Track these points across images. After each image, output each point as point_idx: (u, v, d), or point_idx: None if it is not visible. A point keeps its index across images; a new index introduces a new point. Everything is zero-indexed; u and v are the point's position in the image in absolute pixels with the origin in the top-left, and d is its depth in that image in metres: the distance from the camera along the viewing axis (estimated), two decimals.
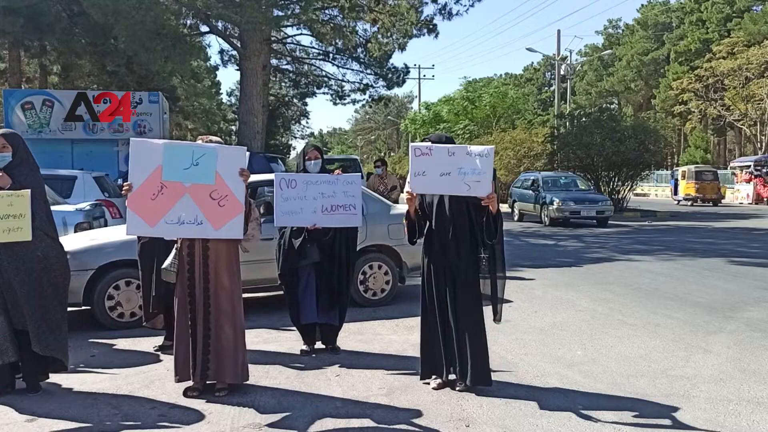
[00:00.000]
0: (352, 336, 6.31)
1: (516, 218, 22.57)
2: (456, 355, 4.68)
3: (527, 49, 53.94)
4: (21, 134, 5.07)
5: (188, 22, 22.52)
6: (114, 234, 7.07)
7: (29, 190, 4.53)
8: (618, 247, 13.89)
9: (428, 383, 4.84)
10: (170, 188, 4.56)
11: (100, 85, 25.41)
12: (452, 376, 4.76)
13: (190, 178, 4.58)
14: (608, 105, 50.87)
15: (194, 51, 24.73)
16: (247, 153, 4.90)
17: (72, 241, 6.71)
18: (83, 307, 6.78)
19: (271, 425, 4.19)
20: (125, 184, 4.57)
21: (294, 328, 5.92)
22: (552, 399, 4.60)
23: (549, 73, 57.87)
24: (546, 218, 20.11)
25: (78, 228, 8.66)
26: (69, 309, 5.08)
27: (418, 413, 4.36)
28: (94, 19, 18.30)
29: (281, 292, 6.10)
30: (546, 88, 59.59)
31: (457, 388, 4.71)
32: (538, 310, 7.57)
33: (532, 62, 63.29)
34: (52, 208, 4.99)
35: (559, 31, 34.45)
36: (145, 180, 4.54)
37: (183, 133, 41.49)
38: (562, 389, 4.84)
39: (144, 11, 16.59)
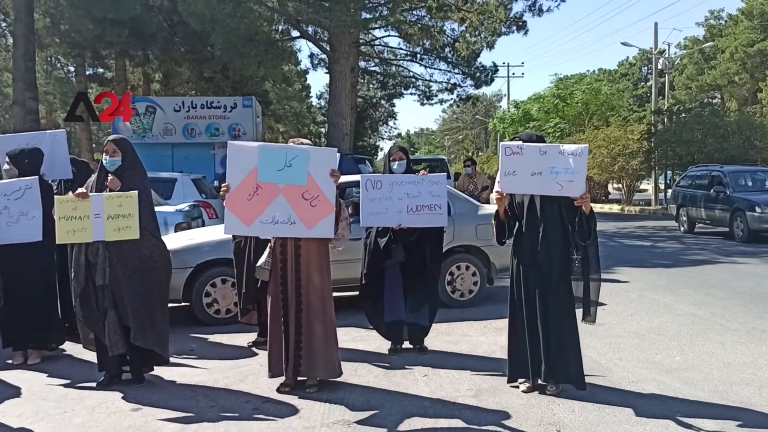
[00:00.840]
0: (440, 336, 6.30)
1: (684, 228, 16.81)
2: (545, 358, 4.58)
3: (622, 43, 52.27)
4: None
5: (280, 27, 23.15)
6: (211, 234, 7.36)
7: (137, 192, 4.81)
8: (720, 249, 13.20)
9: (516, 386, 4.77)
10: (265, 189, 4.70)
11: (198, 91, 26.47)
12: (542, 380, 4.67)
13: (283, 179, 4.71)
14: (710, 100, 48.43)
15: (285, 56, 25.37)
16: (338, 154, 4.99)
17: (172, 241, 7.03)
18: (183, 303, 7.09)
19: (360, 422, 4.25)
20: (223, 185, 4.75)
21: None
22: (648, 406, 4.44)
23: (645, 68, 55.70)
24: (740, 231, 14.28)
25: (178, 228, 9.07)
26: (170, 305, 5.34)
27: (507, 415, 4.31)
28: (192, 28, 19.12)
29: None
30: (642, 83, 57.42)
31: (548, 392, 4.62)
32: (634, 314, 7.31)
33: (628, 57, 61.10)
34: (155, 208, 5.26)
35: (656, 24, 33.20)
36: (241, 181, 4.70)
37: (275, 135, 42.64)
38: (659, 396, 4.65)
39: (239, 19, 17.18)
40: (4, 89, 30.51)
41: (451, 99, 26.66)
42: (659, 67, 32.78)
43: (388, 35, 23.97)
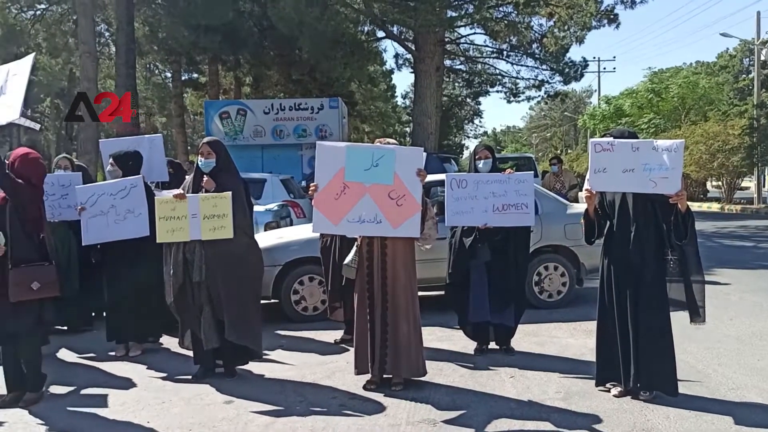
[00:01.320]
0: (527, 338, 6.20)
1: None
2: (635, 362, 4.43)
3: (721, 34, 49.49)
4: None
5: (365, 29, 23.37)
6: (299, 232, 7.52)
7: (231, 192, 4.98)
8: None
9: (606, 390, 4.63)
10: (352, 188, 4.77)
11: (286, 94, 27.09)
12: (633, 385, 4.51)
13: (370, 178, 4.76)
14: None
15: (371, 56, 25.60)
16: (424, 153, 5.00)
17: (262, 239, 7.23)
18: (272, 300, 7.29)
19: (446, 422, 4.24)
20: (311, 184, 4.85)
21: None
22: (750, 414, 4.21)
23: (747, 60, 52.74)
24: None
25: (267, 227, 9.33)
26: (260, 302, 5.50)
27: (598, 419, 4.19)
28: (281, 32, 19.59)
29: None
30: (743, 75, 54.40)
31: (641, 398, 4.46)
32: (734, 318, 6.95)
33: (727, 48, 58.03)
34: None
35: (758, 13, 31.29)
36: (329, 181, 4.78)
37: (360, 136, 43.07)
38: (762, 405, 4.41)
39: (326, 22, 17.49)
40: None
41: (539, 96, 26.15)
42: (762, 58, 30.96)
43: (474, 33, 23.75)
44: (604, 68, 52.80)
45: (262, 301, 6.34)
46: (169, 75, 32.11)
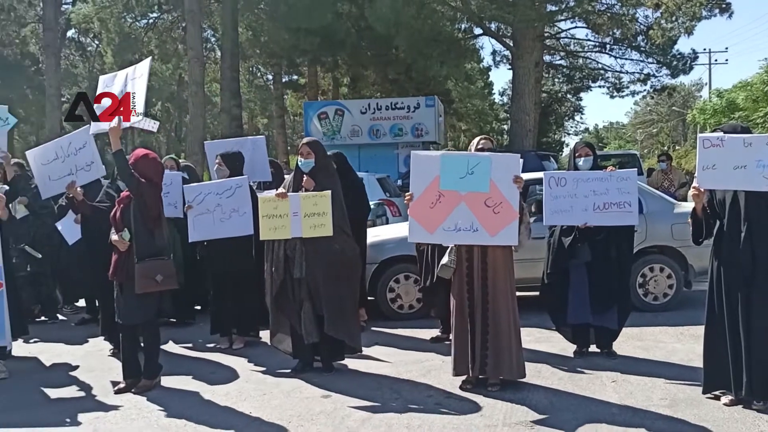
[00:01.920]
0: (630, 341, 5.98)
1: None
2: (747, 369, 4.17)
3: None
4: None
5: (462, 26, 23.25)
6: (395, 231, 7.58)
7: (330, 191, 5.09)
8: None
9: (715, 398, 4.40)
10: (447, 197, 4.75)
11: (383, 93, 27.36)
12: (745, 395, 4.25)
13: (465, 186, 4.73)
14: None
15: (468, 54, 25.46)
16: (520, 160, 4.92)
17: None
18: (369, 298, 7.37)
19: (543, 424, 4.16)
20: (407, 194, 4.87)
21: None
22: None
23: None
24: None
25: None
26: None
27: (705, 429, 3.99)
28: (378, 32, 19.80)
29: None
30: None
31: (753, 407, 4.21)
32: None
33: None
34: None
35: None
36: (424, 190, 4.78)
37: (456, 134, 42.87)
38: None
39: (422, 20, 17.53)
40: (213, 98, 33.68)
41: (644, 90, 25.21)
42: None
43: (575, 27, 23.17)
44: (716, 60, 49.93)
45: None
46: (270, 77, 33.16)
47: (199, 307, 7.46)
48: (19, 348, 6.34)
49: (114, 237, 4.95)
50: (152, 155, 5.19)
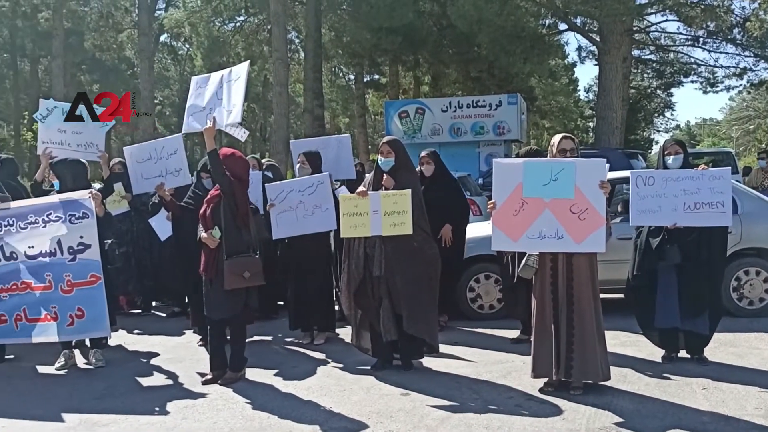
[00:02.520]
0: (723, 347, 5.71)
1: None
2: None
3: None
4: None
5: (546, 22, 22.80)
6: (475, 230, 7.51)
7: (410, 190, 5.11)
8: None
9: None
10: (531, 204, 4.68)
11: (464, 91, 27.15)
12: None
13: (549, 193, 4.64)
14: None
15: (552, 50, 24.95)
16: (606, 165, 4.78)
17: None
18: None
19: (628, 429, 4.03)
20: (489, 202, 4.82)
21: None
22: None
23: None
24: None
25: None
26: None
27: None
28: (460, 30, 19.69)
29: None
30: None
31: None
32: None
33: None
34: None
35: None
36: (507, 197, 4.72)
37: (539, 132, 42.08)
38: None
39: (505, 17, 17.30)
40: (297, 99, 34.39)
41: (740, 85, 23.96)
42: None
43: (666, 20, 22.26)
44: None
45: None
46: (352, 77, 33.52)
47: (282, 303, 7.64)
48: (118, 338, 6.68)
49: (203, 234, 5.13)
50: (239, 154, 5.37)
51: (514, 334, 6.29)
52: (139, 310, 8.01)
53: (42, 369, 5.78)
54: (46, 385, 5.35)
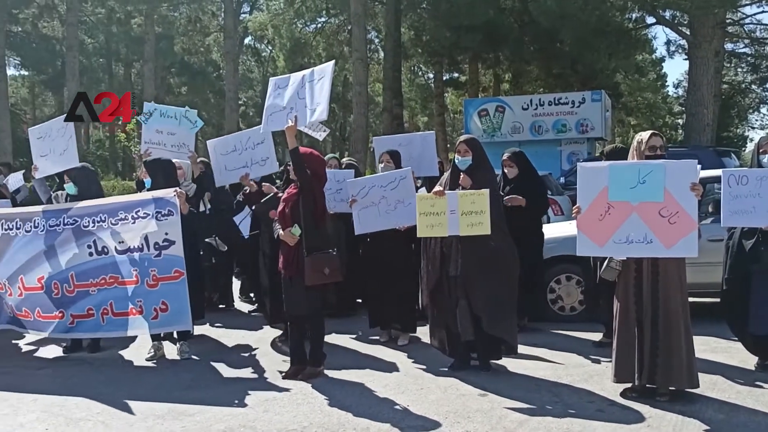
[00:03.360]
0: None
1: None
2: None
3: None
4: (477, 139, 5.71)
5: (633, 15, 22.09)
6: (556, 230, 7.37)
7: (488, 190, 5.06)
8: None
9: None
10: (617, 208, 4.54)
11: (546, 89, 26.66)
12: None
13: (637, 196, 4.50)
14: None
15: (639, 45, 24.17)
16: (698, 166, 4.58)
17: None
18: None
19: None
20: (574, 207, 4.70)
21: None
22: None
23: None
24: None
25: None
26: None
27: None
28: (542, 26, 19.35)
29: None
30: None
31: None
32: None
33: None
34: None
35: None
36: (592, 201, 4.60)
37: (625, 129, 40.79)
38: None
39: (589, 12, 16.88)
40: (376, 98, 34.65)
41: None
42: None
43: (762, 11, 21.18)
44: None
45: None
46: (431, 76, 33.50)
47: (360, 300, 7.71)
48: (204, 331, 6.92)
49: (281, 232, 5.23)
50: (316, 153, 5.48)
51: (596, 336, 6.13)
52: (222, 305, 8.25)
53: (134, 359, 6.05)
54: (137, 375, 5.60)
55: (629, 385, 4.65)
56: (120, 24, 34.06)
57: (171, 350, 6.09)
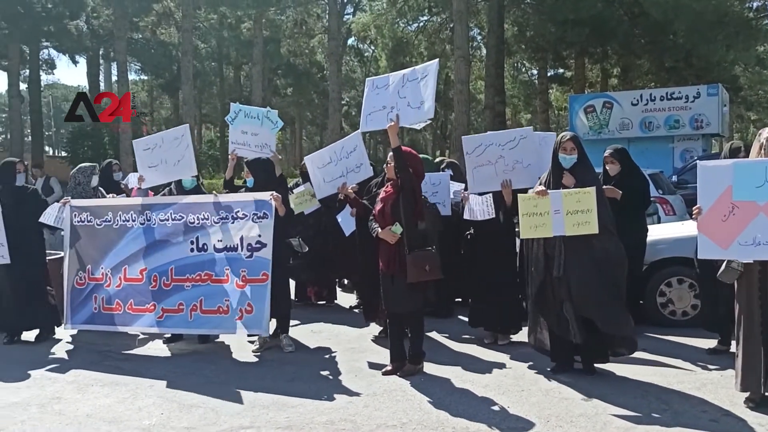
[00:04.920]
0: None
1: None
2: None
3: None
4: (583, 136, 5.54)
5: (754, 4, 20.80)
6: (667, 230, 7.06)
7: (594, 188, 4.90)
8: None
9: None
10: (742, 208, 4.30)
11: (658, 83, 25.55)
12: None
13: (764, 196, 4.24)
14: None
15: (760, 35, 22.69)
16: None
17: None
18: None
19: None
20: (695, 207, 4.48)
21: None
22: None
23: None
24: None
25: None
26: None
27: None
28: (653, 18, 18.56)
29: None
30: None
31: None
32: None
33: None
34: None
35: None
36: (714, 202, 4.38)
37: (744, 125, 38.48)
38: None
39: (705, 2, 16.03)
40: (477, 96, 34.34)
41: None
42: None
43: None
44: None
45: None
46: (535, 72, 32.87)
47: (459, 300, 7.67)
48: (304, 327, 7.11)
49: (379, 231, 5.27)
50: (415, 152, 5.49)
51: (710, 343, 5.80)
52: (324, 301, 8.43)
53: (242, 351, 6.29)
54: (245, 366, 5.81)
55: (748, 394, 4.39)
56: (230, 28, 35.53)
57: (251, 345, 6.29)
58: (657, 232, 7.27)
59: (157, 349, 6.44)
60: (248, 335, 6.15)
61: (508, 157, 5.85)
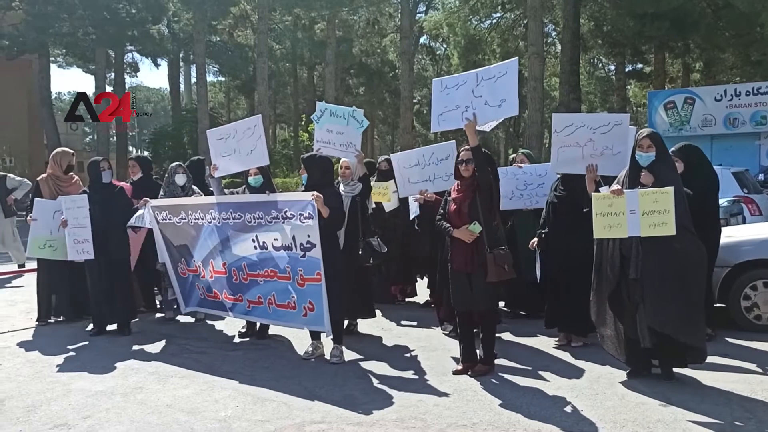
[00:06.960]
0: None
1: None
2: None
3: None
4: (662, 133, 5.34)
5: None
6: (753, 231, 6.77)
7: (672, 188, 4.72)
8: None
9: None
10: None
11: (743, 77, 24.46)
12: None
13: None
14: None
15: None
16: None
17: None
18: (717, 305, 6.68)
19: None
20: None
21: None
22: None
23: None
24: None
25: None
26: None
27: None
28: (739, 10, 17.78)
29: None
30: None
31: None
32: None
33: None
34: None
35: None
36: None
37: None
38: None
39: None
40: (552, 93, 33.70)
41: None
42: None
43: None
44: None
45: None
46: (612, 68, 32.01)
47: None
48: (377, 324, 7.16)
49: (456, 231, 5.24)
50: (486, 151, 5.47)
51: None
52: (409, 298, 8.47)
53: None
54: (316, 363, 5.90)
55: None
56: (304, 30, 36.15)
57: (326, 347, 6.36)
58: (742, 233, 6.98)
59: (231, 343, 6.63)
60: (310, 333, 6.15)
61: (598, 141, 5.62)
